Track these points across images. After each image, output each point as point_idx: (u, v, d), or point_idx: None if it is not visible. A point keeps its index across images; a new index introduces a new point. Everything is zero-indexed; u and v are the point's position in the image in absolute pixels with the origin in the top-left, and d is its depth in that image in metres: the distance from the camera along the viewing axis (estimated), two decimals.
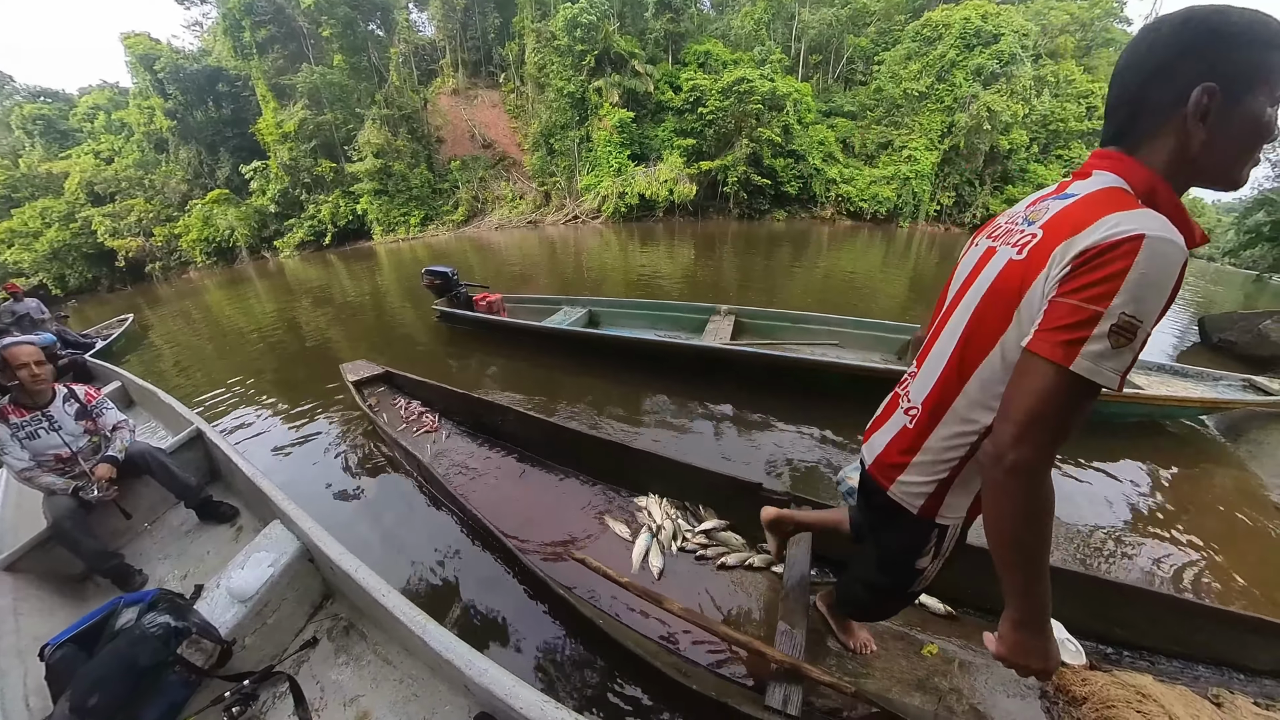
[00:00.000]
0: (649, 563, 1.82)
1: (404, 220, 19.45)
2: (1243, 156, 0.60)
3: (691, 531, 1.96)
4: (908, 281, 9.70)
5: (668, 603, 1.42)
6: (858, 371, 3.15)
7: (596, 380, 3.60)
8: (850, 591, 1.24)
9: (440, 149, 21.18)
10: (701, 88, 17.78)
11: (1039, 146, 20.58)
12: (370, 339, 5.12)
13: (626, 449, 2.18)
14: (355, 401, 2.93)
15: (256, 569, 1.44)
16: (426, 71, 23.16)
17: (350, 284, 9.17)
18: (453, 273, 4.61)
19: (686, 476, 2.07)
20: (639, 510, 2.08)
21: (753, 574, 1.80)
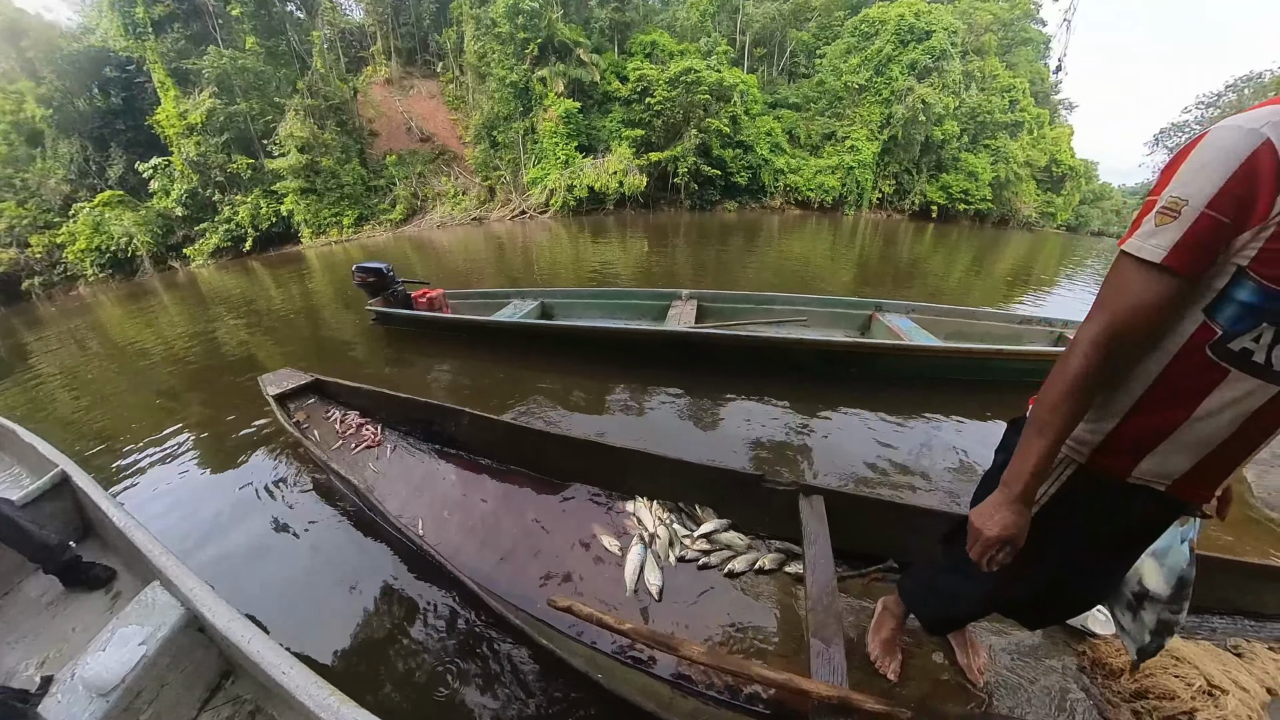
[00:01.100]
0: (646, 581, 1.62)
1: (336, 221, 18.19)
2: None
3: (690, 537, 1.79)
4: (856, 265, 10.20)
5: (684, 646, 1.23)
6: (826, 346, 3.28)
7: (555, 375, 3.46)
8: (1065, 612, 1.07)
9: (374, 143, 19.99)
10: (649, 78, 17.74)
11: (969, 137, 22.03)
12: (301, 349, 4.71)
13: (606, 447, 1.99)
14: (277, 419, 2.54)
15: (123, 649, 1.17)
16: (355, 59, 21.75)
17: (277, 292, 8.45)
18: (388, 269, 4.29)
19: (677, 474, 1.90)
20: (627, 517, 1.88)
21: (765, 577, 1.67)
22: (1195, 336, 0.66)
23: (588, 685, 1.22)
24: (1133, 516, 0.81)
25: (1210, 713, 1.28)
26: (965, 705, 1.33)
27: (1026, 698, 1.35)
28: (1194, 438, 0.70)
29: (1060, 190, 25.48)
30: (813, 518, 1.65)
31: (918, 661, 1.42)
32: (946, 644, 1.45)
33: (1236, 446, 0.70)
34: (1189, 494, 0.75)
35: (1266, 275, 0.58)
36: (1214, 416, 0.68)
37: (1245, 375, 0.64)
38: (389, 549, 1.91)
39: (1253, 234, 0.58)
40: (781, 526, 1.75)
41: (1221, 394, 0.66)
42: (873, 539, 1.71)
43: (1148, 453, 0.74)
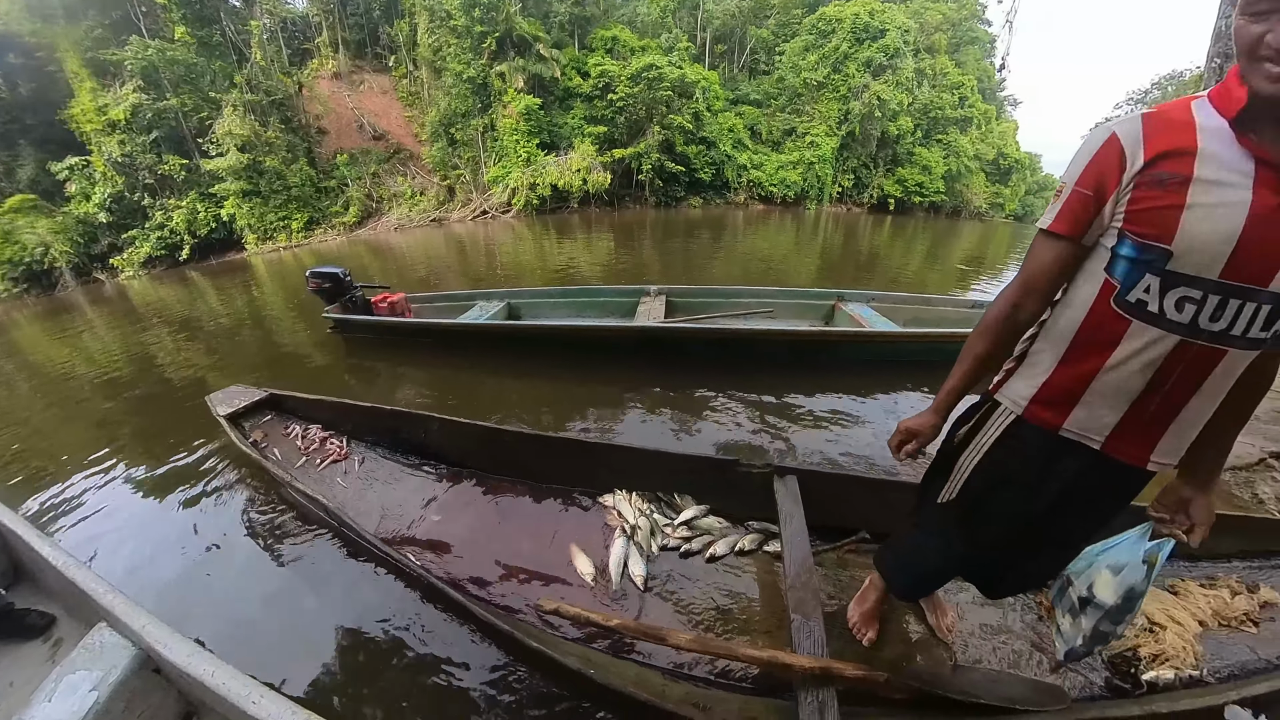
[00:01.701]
0: (630, 573, 1.65)
1: (283, 225, 17.27)
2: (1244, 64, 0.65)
3: (671, 525, 1.84)
4: (819, 258, 10.58)
5: (672, 636, 1.30)
6: (792, 337, 3.42)
7: (525, 376, 3.45)
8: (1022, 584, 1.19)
9: (323, 141, 19.12)
10: (610, 74, 17.74)
11: (922, 132, 23.09)
12: (252, 363, 4.46)
13: (581, 444, 2.02)
14: (234, 442, 2.34)
15: (71, 698, 1.08)
16: (299, 51, 20.72)
17: (220, 304, 7.93)
18: (344, 274, 4.14)
19: (654, 464, 1.94)
20: (607, 512, 1.91)
21: (746, 558, 1.74)
22: (1102, 292, 0.78)
23: (583, 682, 1.25)
24: (1075, 477, 0.88)
25: (1151, 647, 1.43)
26: (937, 661, 1.42)
27: (992, 648, 1.47)
28: (1112, 387, 0.79)
29: (1008, 182, 27.06)
30: (787, 497, 1.73)
31: (893, 627, 1.51)
32: (919, 609, 1.55)
33: (1155, 401, 0.78)
34: (1123, 452, 0.83)
35: (1135, 232, 0.72)
36: (1125, 365, 0.77)
37: (1145, 325, 0.75)
38: (364, 565, 1.84)
39: (1113, 202, 0.74)
40: (758, 508, 1.82)
41: (1129, 343, 0.77)
42: (845, 513, 1.80)
43: (1075, 404, 0.83)
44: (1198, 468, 0.87)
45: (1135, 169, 0.71)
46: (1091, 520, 0.97)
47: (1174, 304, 0.72)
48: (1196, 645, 1.46)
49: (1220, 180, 0.66)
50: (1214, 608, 1.59)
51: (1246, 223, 0.65)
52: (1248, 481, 2.29)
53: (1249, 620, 1.58)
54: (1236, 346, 0.72)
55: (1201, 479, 0.87)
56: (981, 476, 0.98)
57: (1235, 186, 0.66)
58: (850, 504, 1.80)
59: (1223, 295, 0.69)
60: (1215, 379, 0.75)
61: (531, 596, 1.62)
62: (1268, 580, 1.70)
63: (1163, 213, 0.69)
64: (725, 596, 1.62)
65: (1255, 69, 0.62)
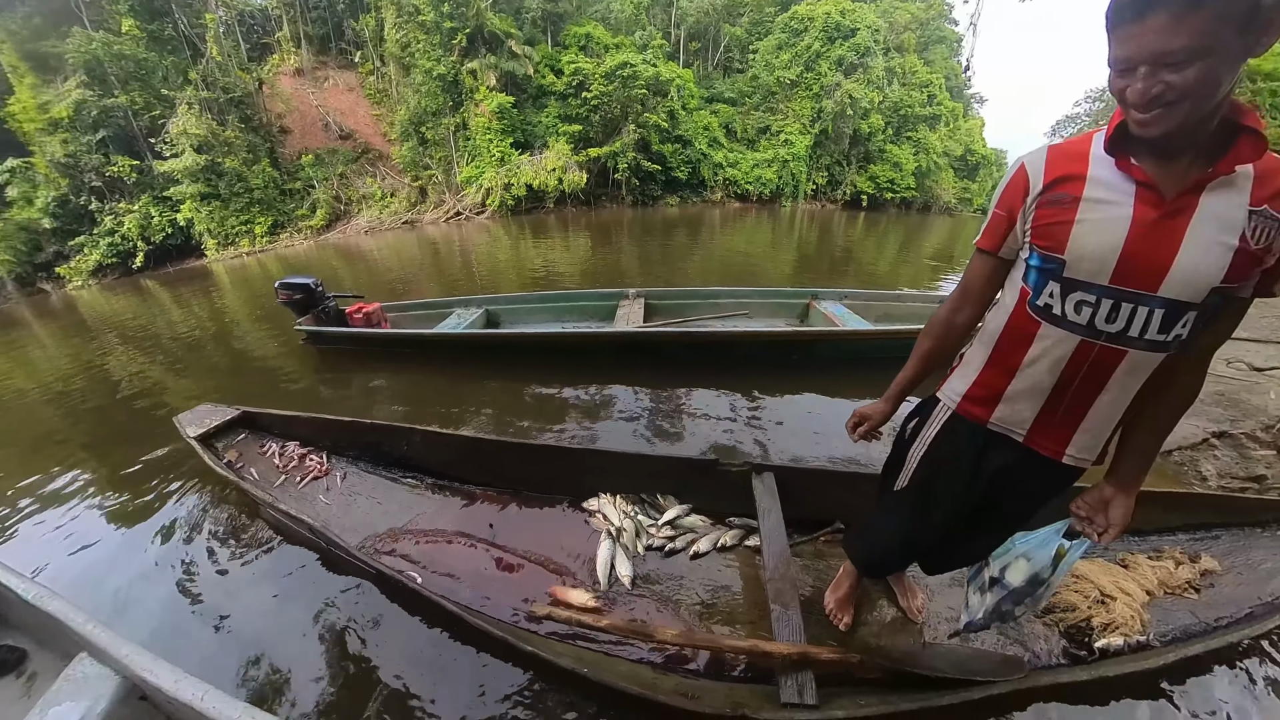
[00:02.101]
0: (618, 573, 1.71)
1: (246, 230, 16.63)
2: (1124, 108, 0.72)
3: (655, 525, 1.90)
4: (795, 255, 10.80)
5: (659, 632, 1.38)
6: (768, 337, 3.51)
7: (506, 385, 3.44)
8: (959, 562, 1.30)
9: (286, 141, 18.53)
10: (584, 72, 17.69)
11: (892, 130, 23.71)
12: (220, 380, 4.25)
13: (564, 450, 2.06)
14: (207, 463, 2.23)
15: None
16: (259, 46, 20.02)
17: (181, 315, 7.53)
18: (316, 284, 4.04)
19: (636, 467, 2.00)
20: (592, 515, 1.96)
21: (728, 553, 1.81)
22: (1020, 298, 0.89)
23: (577, 680, 1.31)
24: (1003, 467, 0.99)
25: (1103, 617, 1.55)
26: (908, 640, 1.52)
27: (959, 626, 1.55)
28: (1028, 384, 0.90)
29: (975, 177, 28.04)
30: (765, 494, 1.80)
31: (868, 610, 1.61)
32: (891, 593, 1.64)
33: (1065, 397, 0.88)
34: (1042, 445, 0.94)
35: (1038, 244, 0.84)
36: (1037, 363, 0.88)
37: (1051, 326, 0.85)
38: (352, 581, 1.82)
39: (1021, 219, 0.86)
40: (739, 504, 1.89)
41: (1039, 343, 0.87)
42: (820, 505, 1.89)
43: (1000, 400, 0.95)
44: (1120, 472, 0.94)
45: (1037, 191, 0.82)
46: (1022, 506, 1.07)
47: (1073, 307, 0.82)
48: (1144, 613, 1.59)
49: (1105, 199, 0.76)
50: (1160, 578, 1.73)
51: (1129, 234, 0.74)
52: (1192, 460, 2.47)
53: (1191, 588, 1.72)
54: (1136, 348, 0.79)
55: (1122, 482, 0.94)
56: (927, 466, 1.10)
57: (1118, 204, 0.75)
58: (825, 497, 1.89)
59: (1115, 299, 0.77)
60: (1119, 378, 0.83)
61: (521, 602, 1.65)
62: (1208, 550, 1.86)
63: (1057, 227, 0.80)
64: (710, 591, 1.69)
65: (1126, 113, 0.71)
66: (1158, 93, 0.64)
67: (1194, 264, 0.72)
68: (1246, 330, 3.68)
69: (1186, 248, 0.72)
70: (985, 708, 1.30)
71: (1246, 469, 2.35)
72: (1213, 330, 0.81)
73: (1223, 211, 0.71)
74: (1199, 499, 1.99)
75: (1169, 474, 2.43)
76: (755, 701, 1.27)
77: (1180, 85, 0.63)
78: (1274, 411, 2.66)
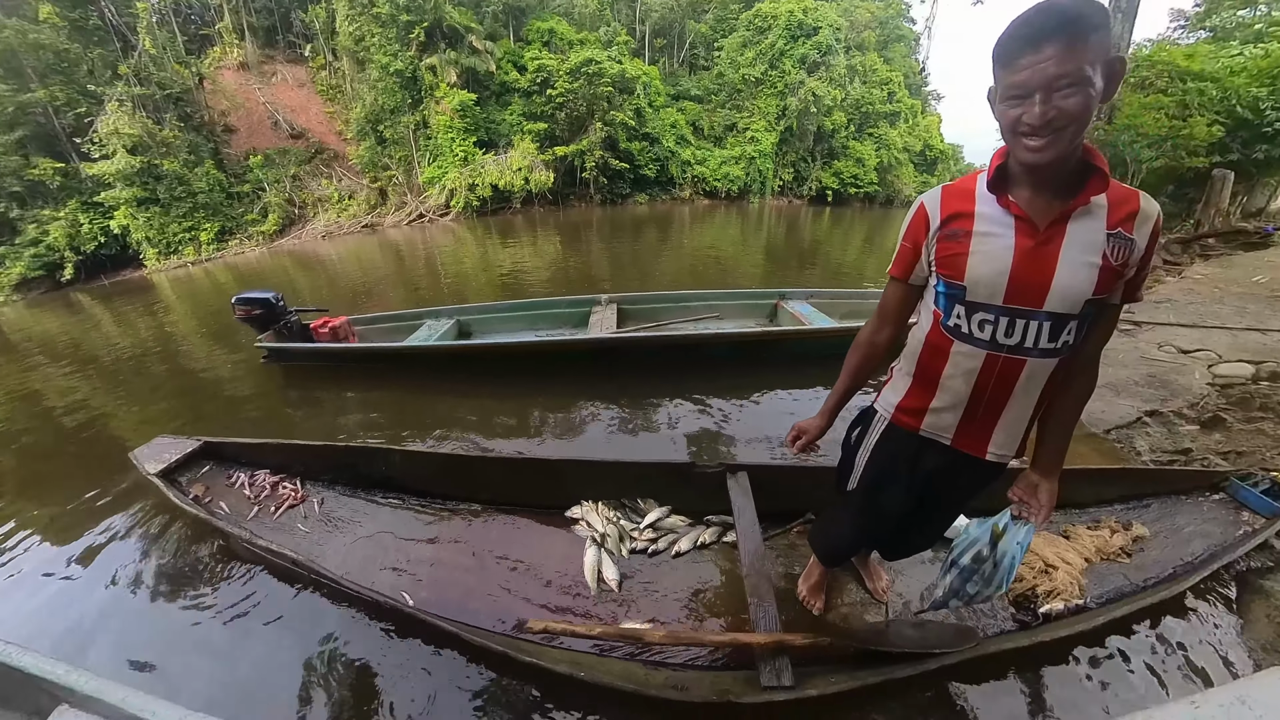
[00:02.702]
0: (605, 577, 1.79)
1: (190, 237, 15.71)
2: (1008, 139, 0.84)
3: (637, 529, 1.99)
4: (764, 251, 11.08)
5: (647, 634, 1.48)
6: (739, 338, 3.67)
7: (482, 397, 3.44)
8: (915, 549, 1.48)
9: (232, 140, 17.67)
10: (548, 68, 17.58)
11: (855, 126, 24.51)
12: (171, 405, 3.90)
13: (546, 463, 2.11)
14: (169, 499, 2.09)
15: None
16: (198, 38, 19.01)
17: (121, 333, 6.91)
18: (276, 298, 3.90)
19: (616, 474, 2.08)
20: (576, 523, 2.03)
21: (708, 550, 1.91)
22: (934, 320, 1.02)
23: (574, 683, 1.39)
24: (937, 467, 1.13)
25: (1046, 585, 1.72)
26: (875, 619, 1.67)
27: (924, 606, 1.70)
28: (949, 396, 1.03)
29: (934, 171, 29.28)
30: (739, 492, 1.92)
31: (838, 595, 1.75)
32: (859, 577, 1.76)
33: (981, 403, 1.00)
34: (968, 446, 1.07)
35: (943, 273, 0.97)
36: (955, 377, 1.01)
37: (961, 343, 0.98)
38: (342, 609, 1.80)
39: (925, 251, 0.99)
40: (716, 503, 2.00)
41: (955, 360, 1.00)
42: (791, 500, 2.02)
43: (927, 409, 1.08)
44: (1040, 461, 1.08)
45: (935, 227, 0.96)
46: (959, 498, 1.24)
47: (977, 325, 0.95)
48: (1082, 579, 1.77)
49: (990, 232, 0.90)
50: (1097, 546, 1.92)
51: (1014, 261, 0.88)
52: (1127, 437, 2.72)
53: (1124, 553, 1.92)
54: (1033, 356, 0.93)
55: (1044, 470, 1.07)
56: (872, 469, 1.24)
57: (1001, 236, 0.89)
58: (795, 491, 2.02)
59: (1010, 317, 0.91)
60: (1023, 383, 0.96)
61: (513, 615, 1.70)
62: (1139, 518, 2.07)
63: (956, 258, 0.93)
64: (694, 586, 1.80)
65: (1016, 142, 0.82)
66: (1052, 116, 0.75)
67: (1068, 282, 0.86)
68: (1175, 316, 4.05)
69: (1060, 269, 0.86)
70: (943, 675, 1.43)
71: (1174, 443, 2.61)
72: (1095, 334, 0.95)
73: (1086, 236, 0.85)
74: (1131, 473, 2.21)
75: (1107, 450, 2.66)
76: (739, 688, 1.38)
77: (1068, 110, 0.74)
78: (1198, 390, 2.95)
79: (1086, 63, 0.71)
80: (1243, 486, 2.07)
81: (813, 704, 1.32)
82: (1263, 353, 3.22)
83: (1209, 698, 0.97)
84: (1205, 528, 2.00)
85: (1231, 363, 3.14)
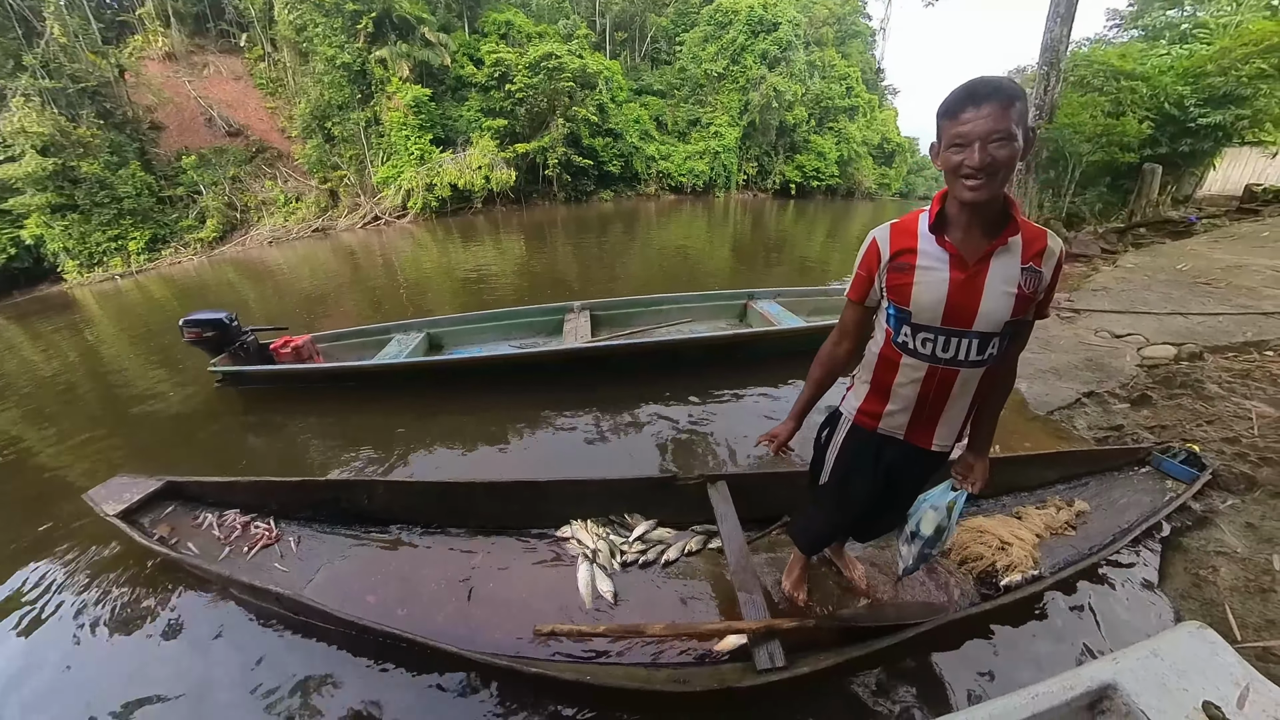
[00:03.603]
0: (599, 590, 1.88)
1: (117, 246, 14.58)
2: (950, 181, 1.02)
3: (627, 542, 2.09)
4: (732, 246, 11.35)
5: (648, 628, 1.60)
6: (711, 342, 3.85)
7: (457, 413, 3.44)
8: (883, 530, 1.70)
9: (160, 139, 16.61)
10: (506, 62, 17.34)
11: (815, 121, 25.31)
12: (116, 438, 3.58)
13: (533, 484, 2.18)
14: (133, 543, 1.99)
15: None
16: (115, 24, 17.73)
17: (42, 359, 6.06)
18: (230, 318, 3.71)
19: (602, 491, 2.18)
20: (567, 542, 2.11)
21: (695, 558, 2.04)
22: (886, 337, 1.21)
23: (582, 689, 1.49)
24: (894, 459, 1.34)
25: (1004, 561, 1.93)
26: (855, 603, 1.84)
27: (898, 574, 1.88)
28: (900, 399, 1.24)
29: (892, 164, 30.60)
30: (720, 500, 2.08)
31: (819, 587, 1.91)
32: (836, 569, 1.95)
33: (926, 406, 1.22)
34: (917, 440, 1.28)
35: (892, 299, 1.16)
36: (905, 386, 1.22)
37: (909, 357, 1.18)
38: (335, 648, 1.77)
39: (878, 279, 1.17)
40: (699, 513, 2.15)
41: (904, 371, 1.20)
42: (770, 504, 2.18)
43: (882, 414, 1.29)
44: (974, 445, 1.35)
45: (886, 259, 1.14)
46: (914, 483, 1.46)
47: (921, 342, 1.15)
48: (1035, 553, 2.00)
49: (931, 266, 1.09)
50: (1046, 523, 2.16)
51: (949, 291, 1.07)
52: (1068, 417, 3.03)
53: (1069, 527, 2.17)
54: (965, 366, 1.14)
55: (977, 452, 1.34)
56: (841, 464, 1.44)
57: (939, 270, 1.08)
58: (772, 495, 2.18)
59: (946, 336, 1.11)
60: (958, 388, 1.18)
61: (512, 634, 1.75)
62: (1080, 495, 2.33)
63: (903, 287, 1.12)
64: (686, 592, 1.93)
65: (958, 183, 1.00)
66: (987, 162, 0.93)
67: (992, 307, 1.06)
68: (1110, 303, 4.46)
69: (986, 297, 1.06)
70: (920, 644, 1.61)
71: (1109, 420, 2.93)
72: (1013, 346, 1.20)
73: (1005, 270, 1.05)
74: (1070, 455, 2.48)
75: (1052, 430, 2.97)
76: (736, 675, 1.52)
77: (1000, 158, 0.93)
78: (1129, 372, 3.30)
79: (1013, 123, 0.91)
80: (1164, 459, 2.37)
81: (806, 681, 1.47)
82: (1184, 335, 3.62)
83: (1127, 654, 1.18)
84: (1137, 498, 2.28)
85: (1157, 345, 3.53)
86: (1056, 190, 8.77)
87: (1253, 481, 2.24)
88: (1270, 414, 2.57)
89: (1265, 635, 1.64)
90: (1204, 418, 2.69)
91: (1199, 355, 3.29)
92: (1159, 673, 1.15)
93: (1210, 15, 11.53)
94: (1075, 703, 1.12)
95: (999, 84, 0.93)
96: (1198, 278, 4.84)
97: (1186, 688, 1.11)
